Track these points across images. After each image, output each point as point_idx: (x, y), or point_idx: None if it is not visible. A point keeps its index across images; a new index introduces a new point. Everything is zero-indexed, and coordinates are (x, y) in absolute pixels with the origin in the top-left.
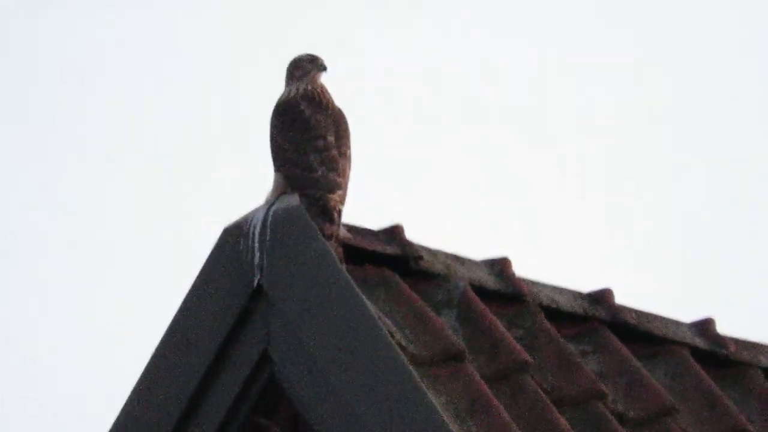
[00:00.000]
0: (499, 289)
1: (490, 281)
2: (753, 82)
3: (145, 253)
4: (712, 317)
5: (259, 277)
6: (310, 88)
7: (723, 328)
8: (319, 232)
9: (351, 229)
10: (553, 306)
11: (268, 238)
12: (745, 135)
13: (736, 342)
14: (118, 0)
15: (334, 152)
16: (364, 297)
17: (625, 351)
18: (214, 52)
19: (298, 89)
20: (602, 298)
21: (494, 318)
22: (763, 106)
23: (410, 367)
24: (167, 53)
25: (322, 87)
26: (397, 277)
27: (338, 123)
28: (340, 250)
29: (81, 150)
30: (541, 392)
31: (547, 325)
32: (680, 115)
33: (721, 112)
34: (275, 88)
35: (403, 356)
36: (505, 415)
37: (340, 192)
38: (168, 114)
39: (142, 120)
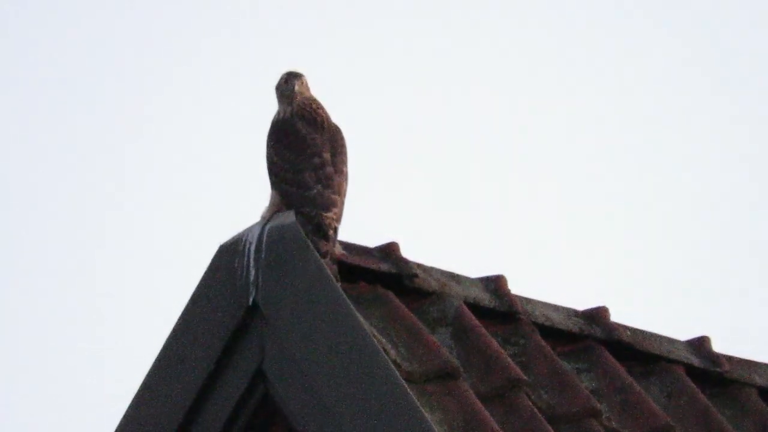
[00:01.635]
0: (494, 306)
1: (484, 299)
2: (758, 103)
3: (141, 271)
4: (707, 335)
5: (254, 294)
6: (301, 106)
7: (718, 346)
8: (314, 250)
9: (346, 246)
10: (548, 324)
11: (263, 255)
12: (742, 151)
13: (731, 360)
14: (117, 17)
15: (330, 170)
16: (358, 314)
17: (620, 369)
18: (213, 62)
19: (287, 109)
20: (597, 316)
21: (489, 336)
22: (763, 130)
23: (405, 385)
24: (167, 64)
25: (317, 104)
26: (391, 295)
27: (335, 140)
28: (335, 267)
29: (79, 162)
30: (536, 410)
31: (542, 342)
32: (677, 132)
33: (717, 131)
34: (273, 101)
35: (397, 374)
36: None
37: (335, 209)
38: (164, 131)
39: (139, 137)
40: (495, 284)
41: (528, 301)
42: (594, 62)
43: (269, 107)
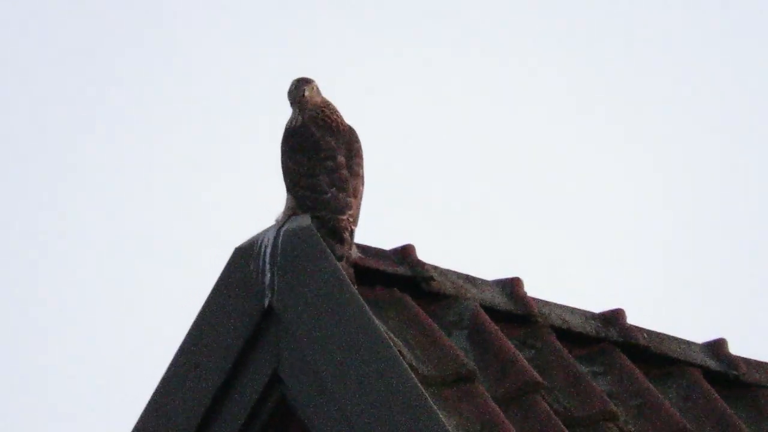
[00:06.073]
0: (510, 309)
1: (501, 302)
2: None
3: (156, 274)
4: (724, 338)
5: (269, 297)
6: (314, 112)
7: (735, 349)
8: (330, 253)
9: (362, 249)
10: (565, 326)
11: (279, 258)
12: (761, 151)
13: (748, 363)
14: (130, 16)
15: (344, 172)
16: (374, 318)
17: (636, 372)
18: (226, 65)
19: (302, 114)
20: (614, 318)
21: (505, 338)
22: None
23: (421, 388)
24: (182, 69)
25: (330, 107)
26: (408, 298)
27: (350, 143)
28: (351, 270)
29: (91, 165)
30: (552, 413)
31: (559, 345)
32: (694, 133)
33: (735, 133)
34: (288, 105)
35: (413, 377)
36: None
37: (350, 212)
38: (179, 134)
39: (153, 140)
40: (511, 287)
41: (544, 303)
42: (611, 62)
43: (284, 111)
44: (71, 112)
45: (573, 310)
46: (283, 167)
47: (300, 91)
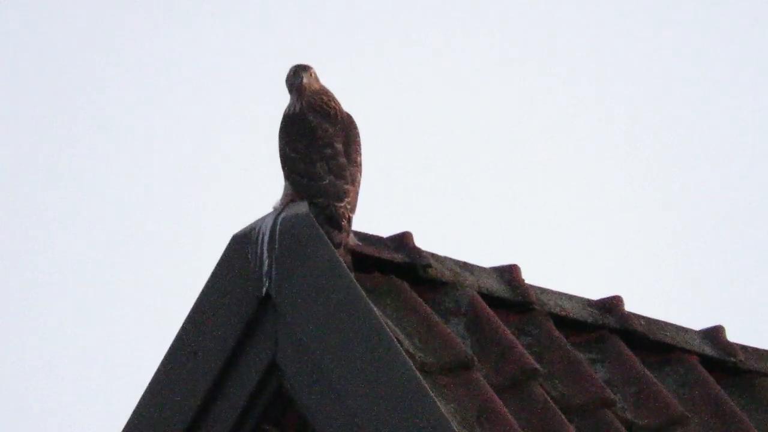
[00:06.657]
0: (508, 296)
1: (498, 289)
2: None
3: (153, 262)
4: (722, 325)
5: (267, 285)
6: (312, 98)
7: (733, 336)
8: (327, 240)
9: (360, 236)
10: (562, 314)
11: (276, 245)
12: (760, 139)
13: (746, 350)
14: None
15: (342, 160)
16: (372, 305)
17: (634, 359)
18: (226, 52)
19: (300, 101)
20: (611, 305)
21: (503, 326)
22: None
23: (419, 375)
24: (177, 56)
25: (328, 94)
26: (405, 285)
27: (347, 130)
28: (349, 258)
29: (88, 156)
30: (550, 400)
31: (556, 332)
32: (692, 121)
33: (735, 119)
34: (286, 92)
35: (411, 364)
36: (514, 423)
37: (348, 199)
38: (176, 122)
39: (151, 128)
40: (509, 274)
41: (542, 290)
42: (612, 53)
43: (282, 98)
44: (69, 107)
45: (571, 297)
46: (281, 154)
47: (298, 77)
